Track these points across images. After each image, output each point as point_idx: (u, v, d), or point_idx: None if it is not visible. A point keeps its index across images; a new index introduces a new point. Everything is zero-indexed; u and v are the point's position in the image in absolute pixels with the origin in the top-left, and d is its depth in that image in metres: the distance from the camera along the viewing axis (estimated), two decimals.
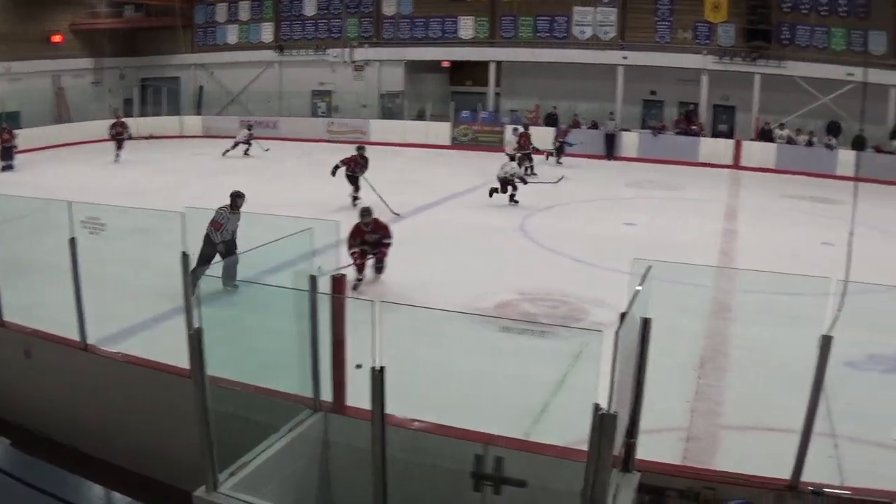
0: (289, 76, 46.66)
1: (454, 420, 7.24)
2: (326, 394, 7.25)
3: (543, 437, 8.22)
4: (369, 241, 15.76)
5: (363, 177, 24.21)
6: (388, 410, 5.59)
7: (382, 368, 5.38)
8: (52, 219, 10.25)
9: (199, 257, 14.23)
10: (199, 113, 47.25)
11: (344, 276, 7.53)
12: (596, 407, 4.82)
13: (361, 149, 25.17)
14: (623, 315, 5.07)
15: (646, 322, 5.88)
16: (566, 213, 23.70)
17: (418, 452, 6.61)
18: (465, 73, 44.74)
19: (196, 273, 12.21)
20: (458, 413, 7.77)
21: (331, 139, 41.69)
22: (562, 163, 35.31)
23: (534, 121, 40.97)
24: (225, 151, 35.87)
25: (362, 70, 44.70)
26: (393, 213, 21.71)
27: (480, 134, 40.95)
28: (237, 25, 48.59)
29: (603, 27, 41.04)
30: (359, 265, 15.67)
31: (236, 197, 15.31)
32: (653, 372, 6.12)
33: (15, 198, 13.35)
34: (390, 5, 44.71)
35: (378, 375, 5.40)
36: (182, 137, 43.41)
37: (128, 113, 40.30)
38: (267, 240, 7.22)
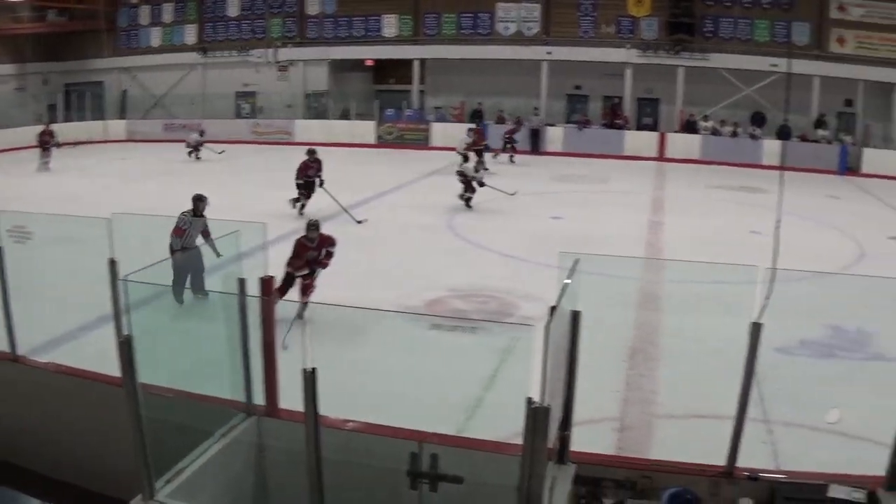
0: (212, 78, 46.23)
1: (388, 419, 7.22)
2: (259, 397, 7.20)
3: (478, 433, 8.23)
4: (313, 259, 13.97)
5: (321, 184, 22.90)
6: (322, 412, 5.56)
7: (314, 370, 5.35)
8: None
9: (174, 271, 13.40)
10: (123, 117, 46.58)
11: (273, 279, 7.47)
12: (529, 401, 4.82)
13: (312, 152, 23.71)
14: (552, 309, 5.08)
15: (575, 315, 5.90)
16: (493, 209, 23.71)
17: (353, 453, 6.59)
18: (390, 72, 44.60)
19: (175, 289, 12.02)
20: (392, 412, 7.75)
21: (255, 140, 41.49)
22: (514, 161, 35.43)
23: (459, 118, 41.12)
24: (190, 153, 35.40)
25: (286, 70, 44.44)
26: (356, 221, 21.32)
27: (406, 132, 40.92)
28: (160, 28, 48.03)
29: (527, 23, 41.21)
30: (305, 286, 13.79)
31: (198, 201, 14.66)
32: (584, 364, 6.14)
33: None
34: (314, 5, 44.48)
35: (310, 377, 5.36)
36: (106, 142, 42.86)
37: (52, 119, 39.57)
38: None
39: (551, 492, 5.56)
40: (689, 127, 39.22)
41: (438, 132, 40.28)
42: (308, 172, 22.94)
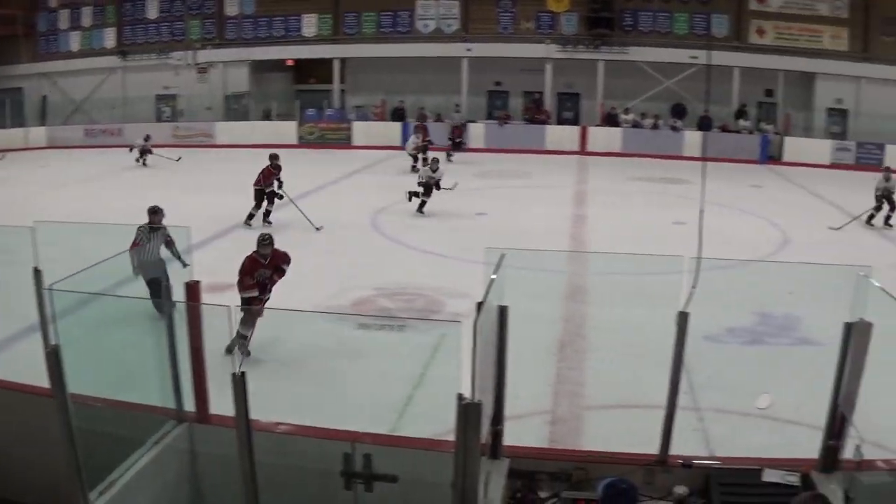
0: (133, 81, 45.45)
1: (320, 421, 7.17)
2: (190, 404, 7.12)
3: (410, 431, 8.21)
4: (264, 279, 12.42)
5: (281, 190, 21.84)
6: (253, 416, 5.51)
7: (243, 374, 5.30)
8: None
9: (148, 286, 12.81)
10: (44, 124, 45.65)
11: (199, 283, 7.37)
12: (459, 397, 4.81)
13: (275, 157, 22.56)
14: (479, 304, 5.07)
15: (503, 310, 5.90)
16: (413, 208, 23.65)
17: (286, 456, 6.54)
18: (310, 71, 44.27)
19: (162, 309, 11.72)
20: (323, 413, 7.70)
21: (176, 143, 41.03)
22: (451, 160, 35.00)
23: (380, 116, 41.12)
24: (136, 159, 34.55)
25: (206, 72, 43.96)
26: (315, 228, 20.85)
27: (327, 132, 40.61)
28: (80, 32, 47.10)
29: (446, 20, 41.25)
30: (258, 310, 11.91)
31: (152, 213, 14.06)
32: (514, 358, 6.14)
33: None
34: (233, 5, 44.01)
35: (239, 381, 5.31)
36: (27, 150, 42.08)
37: None
38: (116, 250, 7.05)
39: (486, 487, 5.56)
40: (610, 120, 39.53)
41: (360, 131, 40.15)
42: (271, 180, 21.83)
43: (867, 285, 5.76)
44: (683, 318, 5.96)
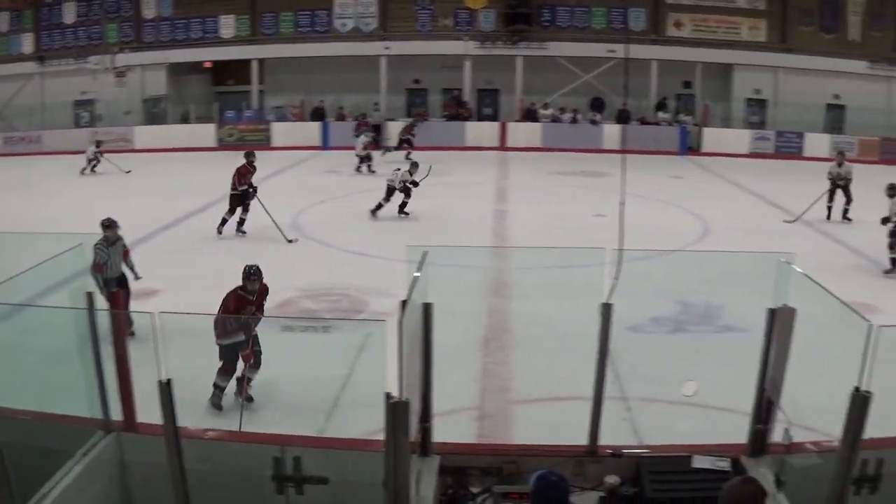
0: (51, 87, 44.51)
1: (248, 425, 7.12)
2: (117, 413, 7.02)
3: (339, 432, 8.18)
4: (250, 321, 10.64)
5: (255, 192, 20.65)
6: (181, 423, 5.44)
7: (169, 381, 5.23)
8: None
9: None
10: None
11: (119, 292, 7.28)
12: (387, 396, 4.79)
13: (251, 155, 21.54)
14: (403, 303, 5.05)
15: (427, 307, 5.88)
16: (340, 207, 23.54)
17: (216, 462, 6.47)
18: (229, 73, 43.90)
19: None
20: (252, 417, 7.65)
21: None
22: (410, 158, 34.60)
23: (299, 116, 40.96)
24: (82, 170, 33.69)
25: (124, 76, 43.37)
26: (287, 240, 19.94)
27: (246, 133, 40.20)
28: None
29: (364, 18, 41.18)
30: (245, 356, 10.25)
31: (106, 227, 13.15)
32: (440, 355, 6.13)
33: None
34: (150, 8, 43.38)
35: (166, 388, 5.25)
36: None
37: None
38: (34, 260, 6.93)
39: (417, 485, 5.54)
40: (530, 115, 39.84)
41: (279, 132, 39.86)
42: (247, 179, 20.68)
43: (789, 271, 5.82)
44: (607, 310, 5.98)
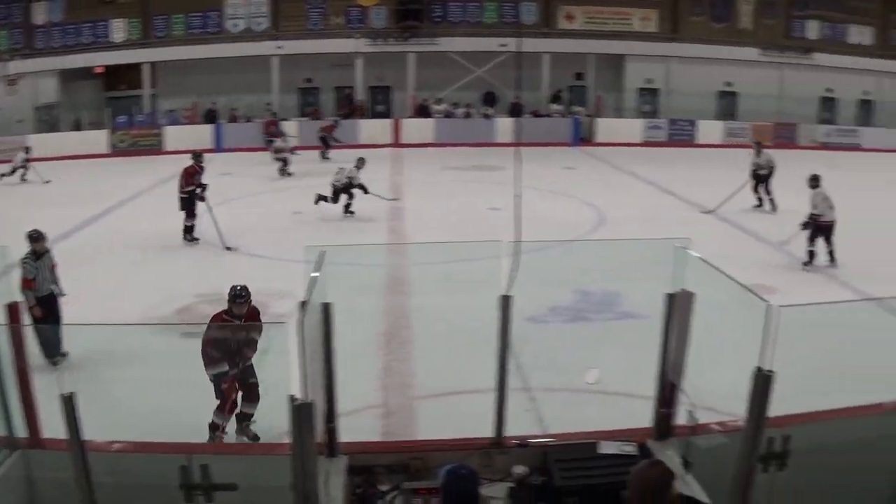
0: None
1: (154, 435, 7.01)
2: (21, 429, 6.86)
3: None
4: (238, 345, 9.64)
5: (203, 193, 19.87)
6: (87, 436, 5.33)
7: (72, 394, 5.13)
8: None
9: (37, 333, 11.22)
10: None
11: (19, 304, 7.08)
12: (291, 398, 4.74)
13: (198, 157, 20.60)
14: (303, 304, 5.01)
15: (327, 307, 5.84)
16: (237, 210, 23.16)
17: (124, 475, 6.36)
18: (121, 77, 43.07)
19: (46, 350, 11.04)
20: (157, 427, 7.55)
21: None
22: (328, 157, 34.38)
23: (191, 119, 40.42)
24: (1, 176, 32.57)
25: (15, 84, 42.42)
26: (226, 248, 19.27)
27: (139, 138, 39.52)
28: None
29: (255, 18, 40.82)
30: (229, 395, 9.48)
31: (33, 240, 12.24)
32: (342, 355, 6.09)
33: None
34: (41, 13, 42.25)
35: (68, 402, 5.14)
36: None
37: None
38: None
39: (326, 486, 5.51)
40: (422, 111, 39.91)
41: (172, 136, 38.99)
42: (195, 179, 19.87)
43: (686, 257, 5.89)
44: (506, 301, 6.01)
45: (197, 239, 19.81)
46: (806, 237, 17.62)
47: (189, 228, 19.90)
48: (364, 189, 22.38)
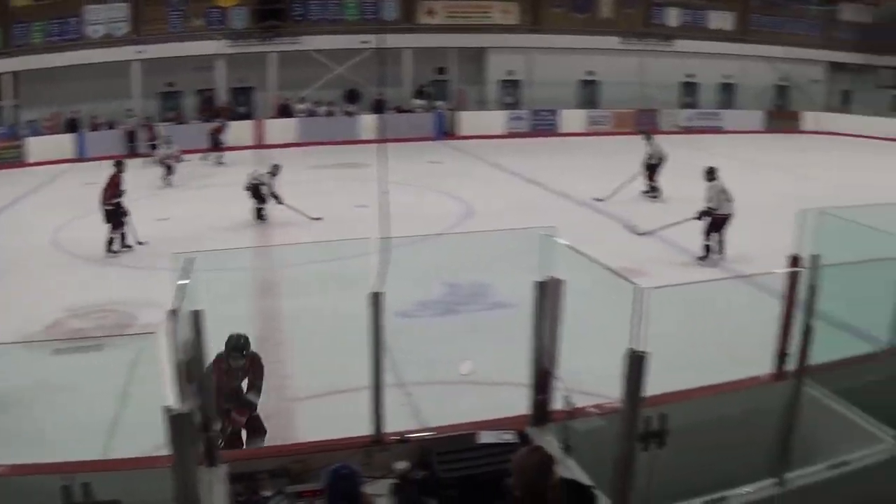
0: None
1: (31, 456, 6.87)
2: None
3: (126, 452, 7.97)
4: (236, 390, 9.18)
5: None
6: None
7: None
8: None
9: None
10: None
11: None
12: (166, 409, 4.69)
13: (120, 164, 20.18)
14: (172, 312, 4.95)
15: (197, 314, 5.78)
16: (98, 220, 22.70)
17: (4, 499, 6.23)
18: None
19: None
20: (34, 447, 7.41)
21: None
22: (224, 163, 33.95)
23: (52, 129, 39.25)
24: None
25: None
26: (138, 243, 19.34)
27: (1, 151, 38.62)
28: None
29: (115, 23, 40.02)
30: (252, 425, 9.24)
31: None
32: None
33: None
34: None
35: None
36: None
37: None
38: None
39: (209, 496, 5.47)
40: (285, 111, 39.74)
41: (34, 147, 37.80)
42: (120, 190, 19.43)
43: (552, 244, 5.97)
44: (376, 298, 6.03)
45: (116, 252, 19.26)
46: (701, 231, 17.64)
47: (112, 241, 19.29)
48: (277, 199, 21.92)
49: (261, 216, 22.09)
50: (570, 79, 42.63)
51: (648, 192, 24.33)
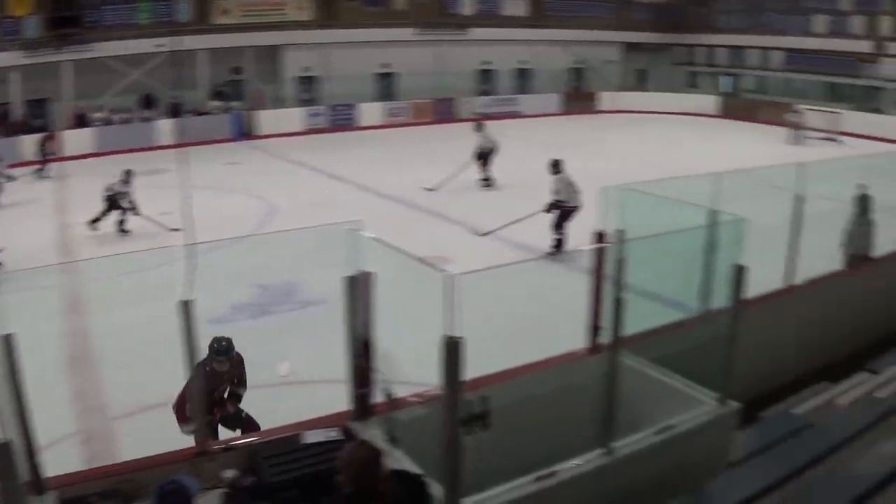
0: None
1: None
2: None
3: None
4: (221, 395, 9.09)
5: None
6: None
7: None
8: None
9: None
10: None
11: None
12: None
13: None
14: None
15: (8, 338, 5.55)
16: None
17: None
18: None
19: None
20: None
21: None
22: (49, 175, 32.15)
23: None
24: None
25: None
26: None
27: None
28: None
29: None
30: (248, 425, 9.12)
31: None
32: (30, 386, 5.86)
33: None
34: None
35: None
36: None
37: None
38: None
39: None
40: (81, 121, 38.53)
41: None
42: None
43: (359, 238, 6.02)
44: (186, 307, 5.97)
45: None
46: (551, 224, 17.68)
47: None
48: (134, 209, 20.85)
49: (123, 229, 21.05)
50: (367, 72, 42.86)
51: (483, 182, 24.61)
